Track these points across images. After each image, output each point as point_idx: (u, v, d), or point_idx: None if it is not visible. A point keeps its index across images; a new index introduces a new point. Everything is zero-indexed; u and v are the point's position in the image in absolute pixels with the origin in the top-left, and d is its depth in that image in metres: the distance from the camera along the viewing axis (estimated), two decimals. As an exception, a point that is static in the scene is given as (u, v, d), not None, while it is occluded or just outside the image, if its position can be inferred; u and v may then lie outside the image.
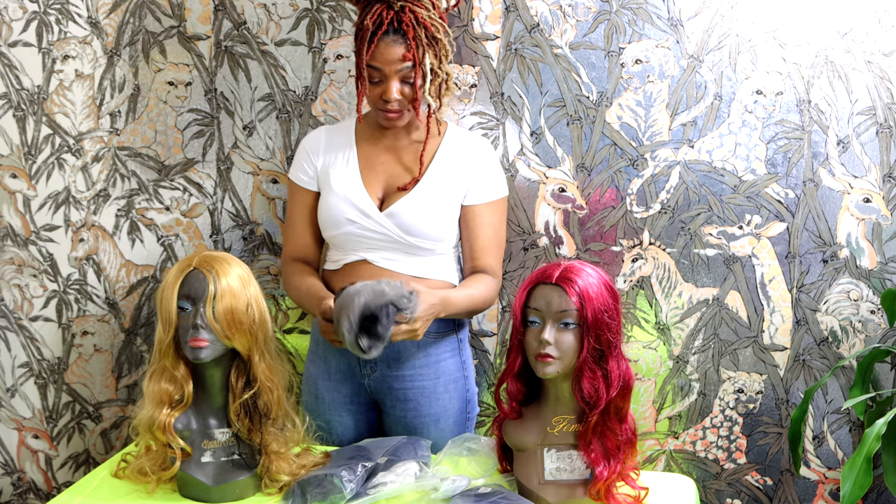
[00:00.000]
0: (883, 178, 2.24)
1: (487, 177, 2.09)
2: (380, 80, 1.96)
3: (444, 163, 2.06)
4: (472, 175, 2.07)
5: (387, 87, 1.95)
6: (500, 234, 2.12)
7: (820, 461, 2.37)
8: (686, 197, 2.31)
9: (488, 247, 2.08)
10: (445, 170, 2.06)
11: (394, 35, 1.93)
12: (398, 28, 1.93)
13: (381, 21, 1.92)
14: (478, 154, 2.09)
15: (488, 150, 2.14)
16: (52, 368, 2.61)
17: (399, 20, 1.93)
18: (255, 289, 1.81)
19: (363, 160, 2.08)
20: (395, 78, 1.95)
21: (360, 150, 2.09)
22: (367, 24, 1.92)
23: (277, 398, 1.81)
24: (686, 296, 2.35)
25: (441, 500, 1.76)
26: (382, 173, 2.07)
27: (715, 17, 2.24)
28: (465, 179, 2.06)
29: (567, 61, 2.30)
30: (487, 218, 2.08)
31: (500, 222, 2.12)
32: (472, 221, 2.08)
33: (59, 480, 2.68)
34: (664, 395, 2.40)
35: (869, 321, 2.30)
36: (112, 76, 2.46)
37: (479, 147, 2.12)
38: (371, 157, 2.08)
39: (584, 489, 1.73)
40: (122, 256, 2.53)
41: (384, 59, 1.93)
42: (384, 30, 1.92)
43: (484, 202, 2.08)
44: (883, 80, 2.21)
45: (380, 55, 1.93)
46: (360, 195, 2.04)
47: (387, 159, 2.07)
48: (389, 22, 1.92)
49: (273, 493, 1.82)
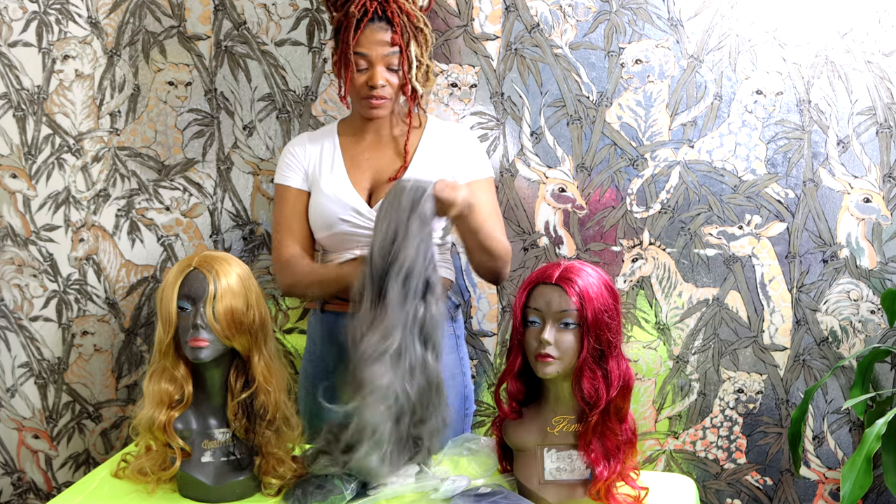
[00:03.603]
0: (883, 178, 2.24)
1: (471, 158, 2.09)
2: (365, 66, 1.99)
3: (428, 152, 2.07)
4: (456, 159, 2.07)
5: (372, 73, 1.99)
6: (496, 208, 2.11)
7: (820, 461, 2.37)
8: (686, 197, 2.31)
9: (489, 217, 2.05)
10: (430, 159, 2.07)
11: (379, 22, 1.98)
12: (382, 15, 1.98)
13: (365, 9, 1.97)
14: (459, 139, 2.11)
15: (469, 135, 2.17)
16: (52, 368, 2.61)
17: (383, 8, 1.98)
18: (255, 289, 1.80)
19: (348, 159, 2.09)
20: (380, 63, 1.99)
21: (345, 149, 2.10)
22: (353, 12, 1.97)
23: (275, 399, 1.80)
24: (686, 296, 2.35)
25: (441, 500, 1.76)
26: (368, 169, 2.08)
27: (715, 17, 2.24)
28: (450, 165, 2.07)
29: (567, 61, 2.30)
30: (480, 195, 2.05)
31: (493, 199, 2.12)
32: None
33: (59, 480, 2.68)
34: (664, 395, 2.40)
35: (869, 321, 2.30)
36: (112, 76, 2.46)
37: (460, 132, 2.15)
38: (355, 154, 2.09)
39: (584, 489, 1.73)
40: (122, 256, 2.53)
41: (370, 45, 1.98)
42: (369, 17, 1.97)
43: (472, 180, 2.06)
44: (883, 80, 2.21)
45: (366, 41, 1.98)
46: (350, 194, 2.04)
47: (371, 155, 2.09)
48: (374, 10, 1.97)
49: (273, 494, 1.82)
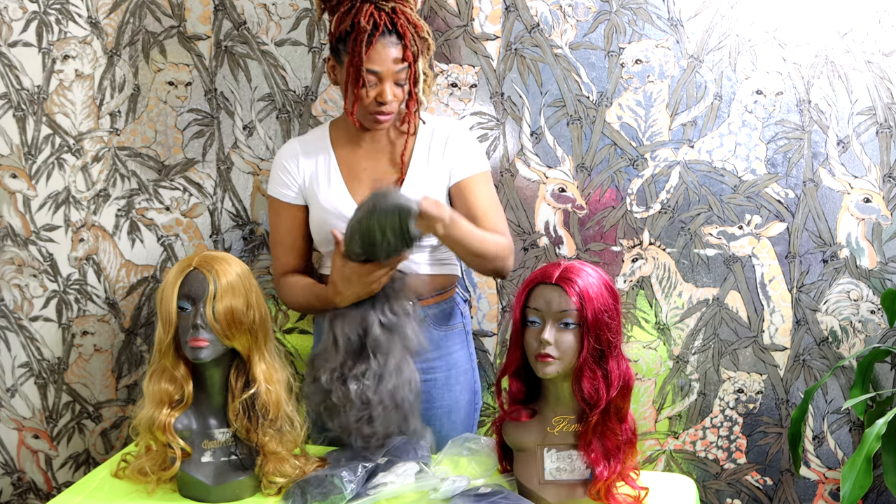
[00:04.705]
0: (883, 178, 2.24)
1: (468, 152, 2.07)
2: (375, 82, 1.94)
3: (423, 155, 2.05)
4: (451, 156, 2.05)
5: (382, 88, 1.93)
6: (495, 201, 2.09)
7: (820, 461, 2.37)
8: (686, 197, 2.31)
9: (488, 211, 2.04)
10: (425, 161, 2.05)
11: (389, 36, 1.92)
12: (392, 29, 1.92)
13: (375, 22, 1.91)
14: (454, 134, 2.07)
15: (461, 129, 2.12)
16: (52, 368, 2.61)
17: (392, 21, 1.92)
18: (255, 289, 1.80)
19: (345, 170, 2.06)
20: (390, 80, 1.94)
21: (340, 159, 2.07)
22: (364, 26, 1.90)
23: (276, 399, 1.81)
24: (686, 296, 2.35)
25: (441, 500, 1.76)
26: (366, 179, 2.05)
27: (715, 17, 2.24)
28: (446, 163, 2.05)
29: (567, 61, 2.30)
30: (478, 188, 2.05)
31: (492, 192, 2.09)
32: (465, 195, 2.05)
33: (59, 480, 2.68)
34: (664, 395, 2.40)
35: (869, 321, 2.30)
36: (112, 76, 2.46)
37: (451, 128, 2.09)
38: (352, 164, 2.07)
39: (584, 489, 1.73)
40: (122, 256, 2.53)
41: (381, 61, 1.92)
42: (380, 31, 1.91)
43: (469, 175, 2.05)
44: (883, 80, 2.21)
45: (377, 57, 1.91)
46: (350, 207, 2.01)
47: (368, 164, 2.06)
48: (384, 23, 1.91)
49: (273, 494, 1.82)
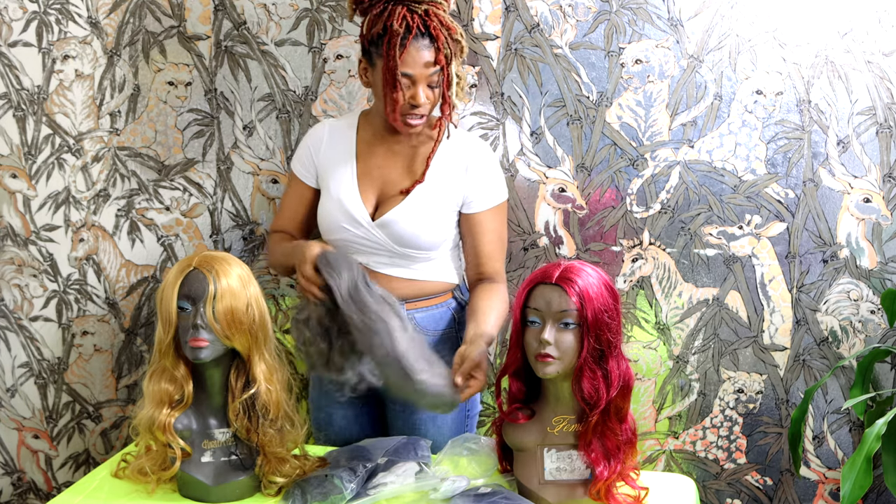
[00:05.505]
0: (883, 178, 2.24)
1: (487, 183, 2.05)
2: (408, 84, 1.93)
3: (442, 168, 2.04)
4: (471, 183, 2.04)
5: (415, 92, 1.92)
6: (502, 237, 2.11)
7: (820, 461, 2.37)
8: (686, 197, 2.31)
9: (493, 252, 2.07)
10: (443, 176, 2.04)
11: (422, 39, 1.91)
12: (425, 31, 1.91)
13: (408, 25, 1.89)
14: (476, 160, 2.05)
15: (487, 155, 2.09)
16: (52, 368, 2.61)
17: (425, 23, 1.91)
18: (255, 289, 1.81)
19: (361, 165, 2.06)
20: (423, 83, 1.93)
21: (360, 153, 2.07)
22: (397, 29, 1.89)
23: (276, 399, 1.81)
24: (686, 296, 2.35)
25: (441, 500, 1.76)
26: (378, 178, 2.05)
27: (715, 17, 2.24)
28: (464, 187, 2.04)
29: (567, 61, 2.30)
30: (489, 224, 2.06)
31: (502, 225, 2.10)
32: (475, 229, 2.06)
33: (59, 480, 2.68)
34: (664, 395, 2.40)
35: (869, 321, 2.30)
36: (112, 76, 2.46)
37: (478, 152, 2.07)
38: (369, 162, 2.06)
39: (584, 489, 1.73)
40: (122, 256, 2.53)
41: (414, 64, 1.91)
42: (413, 34, 1.90)
43: (485, 209, 2.06)
44: (883, 80, 2.21)
45: (410, 60, 1.90)
46: (355, 203, 2.02)
47: (384, 164, 2.06)
48: (416, 26, 1.90)
49: (272, 494, 1.82)
